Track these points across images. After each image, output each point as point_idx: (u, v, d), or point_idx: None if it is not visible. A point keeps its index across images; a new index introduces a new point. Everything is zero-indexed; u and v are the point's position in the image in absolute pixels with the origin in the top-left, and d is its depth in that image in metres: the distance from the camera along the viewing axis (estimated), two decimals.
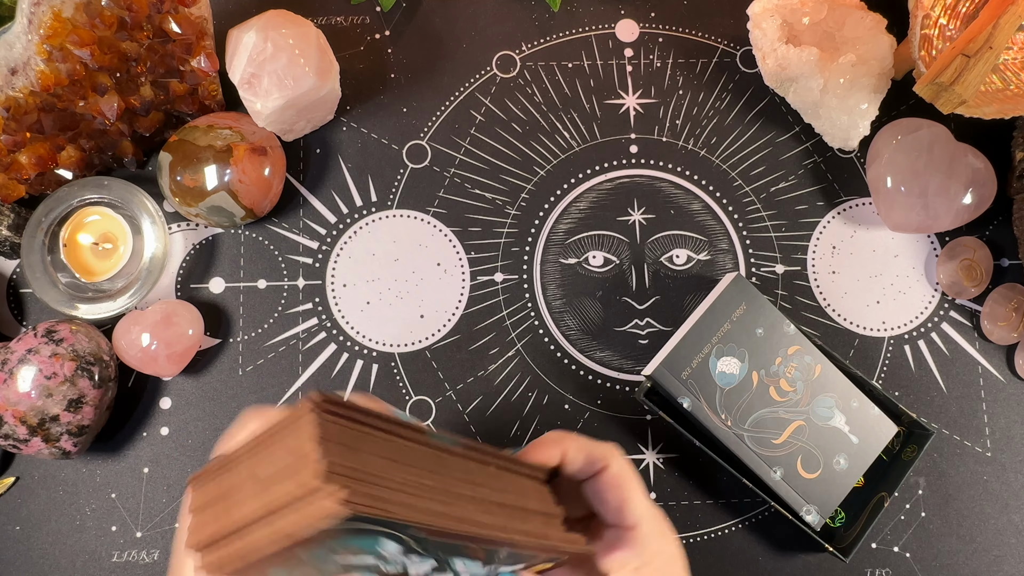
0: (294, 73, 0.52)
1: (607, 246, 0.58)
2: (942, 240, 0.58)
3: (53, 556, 0.53)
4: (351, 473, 0.27)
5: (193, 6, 0.52)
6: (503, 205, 0.58)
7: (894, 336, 0.57)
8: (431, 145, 0.59)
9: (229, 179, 0.52)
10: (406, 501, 0.29)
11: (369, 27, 0.60)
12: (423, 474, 0.30)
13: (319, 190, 0.58)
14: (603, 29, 0.61)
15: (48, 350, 0.50)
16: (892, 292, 0.58)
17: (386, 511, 0.28)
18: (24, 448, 0.50)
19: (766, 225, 0.58)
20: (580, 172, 0.58)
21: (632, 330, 0.57)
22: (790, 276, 0.58)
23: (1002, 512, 0.55)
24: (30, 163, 0.52)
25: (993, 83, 0.54)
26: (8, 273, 0.57)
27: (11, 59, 0.49)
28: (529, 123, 0.59)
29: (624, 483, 0.37)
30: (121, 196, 0.55)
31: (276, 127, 0.55)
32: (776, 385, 0.52)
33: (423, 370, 0.56)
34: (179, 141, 0.54)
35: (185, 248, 0.57)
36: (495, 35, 0.60)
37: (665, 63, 0.60)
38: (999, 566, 0.54)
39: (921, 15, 0.54)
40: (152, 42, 0.52)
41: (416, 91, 0.59)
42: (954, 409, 0.56)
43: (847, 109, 0.55)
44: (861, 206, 0.59)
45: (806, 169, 0.59)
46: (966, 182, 0.54)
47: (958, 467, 0.55)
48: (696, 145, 0.59)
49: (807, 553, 0.54)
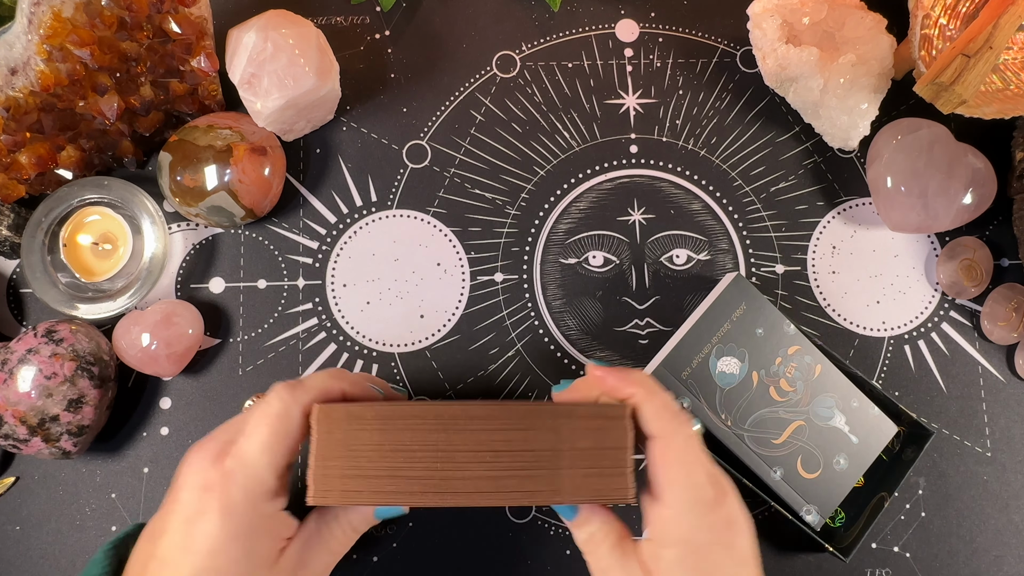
0: (294, 73, 0.52)
1: (607, 246, 0.58)
2: (942, 240, 0.58)
3: (53, 556, 0.53)
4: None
5: (193, 6, 0.52)
6: (503, 205, 0.58)
7: (894, 336, 0.57)
8: (431, 145, 0.59)
9: (229, 179, 0.52)
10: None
11: (369, 27, 0.60)
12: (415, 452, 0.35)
13: (319, 190, 0.58)
14: (603, 29, 0.61)
15: (48, 350, 0.50)
16: (892, 292, 0.58)
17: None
18: (24, 448, 0.50)
19: (766, 225, 0.58)
20: (580, 172, 0.58)
21: (632, 330, 0.57)
22: (790, 276, 0.58)
23: (1002, 512, 0.55)
24: (30, 163, 0.52)
25: (993, 83, 0.54)
26: (8, 273, 0.57)
27: (11, 59, 0.49)
28: (529, 123, 0.59)
29: (669, 460, 0.36)
30: (121, 196, 0.55)
31: (276, 127, 0.55)
32: (776, 385, 0.52)
33: (423, 370, 0.56)
34: (179, 141, 0.54)
35: (185, 248, 0.57)
36: (495, 35, 0.60)
37: (665, 63, 0.60)
38: (999, 566, 0.54)
39: (921, 15, 0.54)
40: (152, 42, 0.52)
41: (416, 91, 0.59)
42: (954, 409, 0.56)
43: (847, 109, 0.55)
44: (861, 206, 0.59)
45: (806, 169, 0.59)
46: (966, 182, 0.54)
47: (958, 467, 0.55)
48: (696, 145, 0.59)
49: (807, 553, 0.54)
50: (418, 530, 0.53)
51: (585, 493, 0.35)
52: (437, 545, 0.53)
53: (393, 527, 0.53)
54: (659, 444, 0.36)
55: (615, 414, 0.36)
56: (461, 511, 0.53)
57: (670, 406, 0.37)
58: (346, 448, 0.35)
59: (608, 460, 0.35)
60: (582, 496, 0.35)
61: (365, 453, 0.35)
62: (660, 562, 0.36)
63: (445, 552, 0.53)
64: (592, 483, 0.35)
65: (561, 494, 0.35)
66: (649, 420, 0.37)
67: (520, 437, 0.35)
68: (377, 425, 0.35)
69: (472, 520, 0.53)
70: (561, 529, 0.54)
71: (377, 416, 0.35)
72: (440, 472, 0.35)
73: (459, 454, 0.35)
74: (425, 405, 0.36)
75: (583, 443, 0.35)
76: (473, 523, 0.53)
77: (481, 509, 0.53)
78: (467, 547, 0.53)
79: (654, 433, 0.37)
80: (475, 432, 0.35)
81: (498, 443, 0.35)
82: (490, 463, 0.35)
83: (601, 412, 0.36)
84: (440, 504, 0.35)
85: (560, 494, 0.35)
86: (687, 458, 0.36)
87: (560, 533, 0.53)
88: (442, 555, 0.53)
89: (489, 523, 0.53)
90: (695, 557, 0.36)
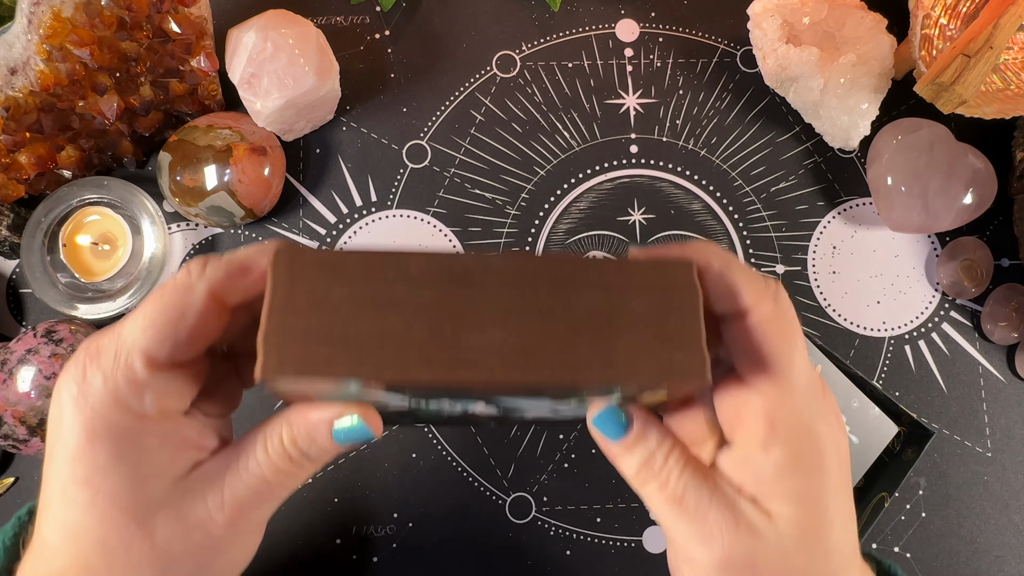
0: (294, 73, 0.52)
1: (607, 246, 0.58)
2: (942, 240, 0.58)
3: None
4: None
5: (193, 6, 0.52)
6: (503, 205, 0.58)
7: (894, 336, 0.57)
8: (431, 145, 0.59)
9: (229, 179, 0.52)
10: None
11: (369, 27, 0.60)
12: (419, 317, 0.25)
13: (319, 190, 0.58)
14: (603, 29, 0.61)
15: (48, 350, 0.50)
16: (892, 292, 0.58)
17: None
18: (24, 448, 0.50)
19: (766, 225, 0.58)
20: (580, 172, 0.58)
21: None
22: (790, 276, 0.58)
23: (1003, 512, 0.55)
24: (30, 163, 0.51)
25: (993, 83, 0.54)
26: (8, 273, 0.57)
27: (11, 59, 0.49)
28: (529, 123, 0.59)
29: (773, 333, 0.28)
30: (121, 196, 0.55)
31: (276, 127, 0.55)
32: None
33: None
34: (179, 141, 0.54)
35: (185, 248, 0.57)
36: (495, 35, 0.60)
37: (665, 63, 0.60)
38: (1000, 566, 0.54)
39: (921, 15, 0.54)
40: (152, 42, 0.52)
41: (416, 91, 0.59)
42: (954, 409, 0.56)
43: (847, 109, 0.55)
44: (861, 206, 0.58)
45: (806, 169, 0.59)
46: (967, 182, 0.54)
47: (958, 467, 0.55)
48: (696, 145, 0.59)
49: None
50: (418, 530, 0.53)
51: (646, 369, 0.26)
52: (437, 545, 0.53)
53: (392, 527, 0.53)
54: (756, 315, 0.28)
55: (682, 269, 0.27)
56: (460, 509, 0.53)
57: (755, 271, 0.29)
58: (314, 303, 0.25)
59: (674, 326, 0.26)
60: (642, 373, 0.26)
61: (342, 309, 0.25)
62: (764, 467, 0.28)
63: (445, 552, 0.53)
64: (654, 355, 0.26)
65: (614, 368, 0.25)
66: (741, 286, 0.28)
67: (558, 295, 0.26)
68: (361, 275, 0.25)
69: (472, 520, 0.53)
70: (561, 529, 0.53)
71: (363, 265, 0.25)
72: (448, 336, 0.25)
73: (474, 315, 0.25)
74: (428, 254, 0.26)
75: (639, 306, 0.26)
76: (473, 523, 0.53)
77: (481, 506, 0.53)
78: (467, 547, 0.53)
79: (748, 301, 0.28)
80: (497, 288, 0.26)
81: (528, 304, 0.25)
82: (517, 326, 0.25)
83: (664, 266, 0.27)
84: (448, 379, 0.25)
85: (612, 368, 0.25)
86: (793, 328, 0.28)
87: (560, 533, 0.53)
88: (442, 555, 0.53)
89: (489, 523, 0.53)
90: (812, 454, 0.28)
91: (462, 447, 0.54)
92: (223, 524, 0.28)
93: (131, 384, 0.27)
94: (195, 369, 0.29)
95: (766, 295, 0.28)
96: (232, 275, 0.28)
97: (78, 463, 0.27)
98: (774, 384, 0.28)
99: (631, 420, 0.30)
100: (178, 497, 0.28)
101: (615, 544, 0.53)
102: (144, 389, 0.27)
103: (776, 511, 0.28)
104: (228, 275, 0.28)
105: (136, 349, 0.27)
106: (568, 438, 0.55)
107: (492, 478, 0.54)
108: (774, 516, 0.28)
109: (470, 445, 0.54)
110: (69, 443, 0.27)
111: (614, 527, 0.53)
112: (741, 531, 0.28)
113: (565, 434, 0.55)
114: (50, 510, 0.28)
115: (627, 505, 0.54)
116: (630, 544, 0.53)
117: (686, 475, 0.29)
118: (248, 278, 0.28)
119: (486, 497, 0.54)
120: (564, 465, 0.54)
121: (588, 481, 0.54)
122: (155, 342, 0.27)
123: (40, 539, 0.28)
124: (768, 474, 0.28)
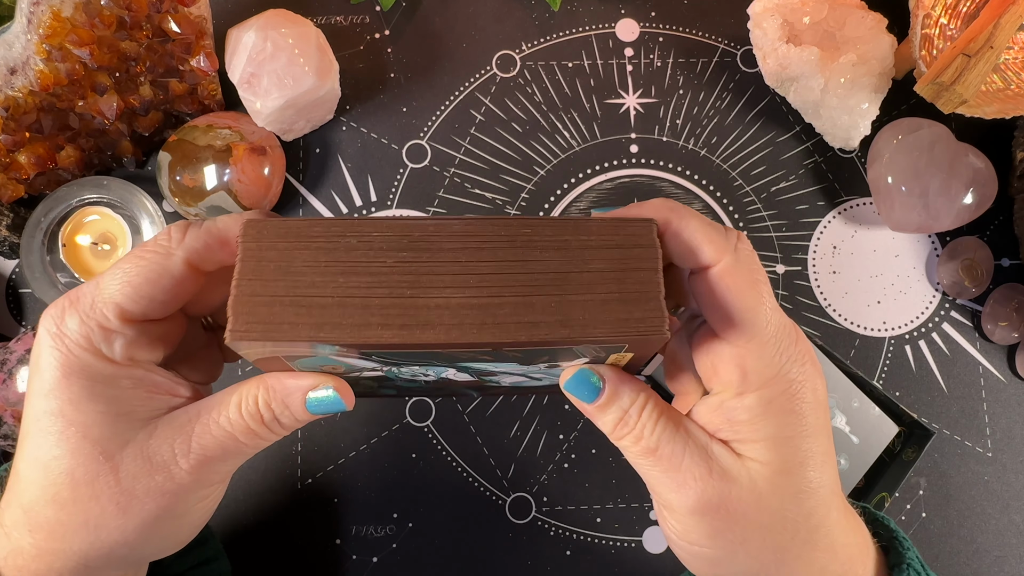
0: (294, 73, 0.52)
1: None
2: (943, 240, 0.58)
3: None
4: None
5: (192, 6, 0.52)
6: (503, 205, 0.58)
7: (895, 336, 0.57)
8: (431, 145, 0.59)
9: (228, 179, 0.52)
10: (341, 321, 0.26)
11: (369, 27, 0.60)
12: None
13: (319, 190, 0.58)
14: (603, 29, 0.61)
15: None
16: (893, 292, 0.58)
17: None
18: None
19: (767, 225, 0.58)
20: (580, 172, 0.58)
21: None
22: (790, 276, 0.58)
23: (1003, 512, 0.54)
24: (29, 163, 0.51)
25: (994, 83, 0.54)
26: (7, 273, 0.57)
27: (10, 59, 0.48)
28: (529, 123, 0.59)
29: (736, 285, 0.28)
30: (120, 196, 0.55)
31: (276, 127, 0.55)
32: None
33: None
34: (178, 141, 0.54)
35: None
36: (495, 35, 0.60)
37: (665, 63, 0.60)
38: (1000, 566, 0.54)
39: (922, 15, 0.54)
40: (151, 42, 0.52)
41: (416, 91, 0.59)
42: (955, 409, 0.56)
43: (848, 109, 0.55)
44: (862, 206, 0.58)
45: (807, 169, 0.59)
46: (967, 182, 0.54)
47: (959, 467, 0.55)
48: (696, 145, 0.59)
49: None
50: (418, 530, 0.53)
51: (603, 326, 0.26)
52: (437, 545, 0.53)
53: (392, 527, 0.53)
54: (721, 268, 0.28)
55: (641, 228, 0.28)
56: (460, 509, 0.53)
57: (715, 224, 0.29)
58: (280, 270, 0.26)
59: (632, 283, 0.27)
60: (600, 330, 0.26)
61: (307, 275, 0.26)
62: (737, 413, 0.29)
63: (445, 552, 0.53)
64: (612, 312, 0.26)
65: (571, 327, 0.26)
66: (698, 242, 0.28)
67: (515, 256, 0.27)
68: (324, 243, 0.27)
69: (472, 520, 0.53)
70: (561, 529, 0.53)
71: (326, 232, 0.27)
72: (408, 300, 0.26)
73: (433, 278, 0.26)
74: (389, 220, 0.27)
75: (598, 264, 0.27)
76: (473, 523, 0.53)
77: (481, 506, 0.53)
78: (467, 547, 0.53)
79: (709, 256, 0.29)
80: (455, 251, 0.27)
81: (486, 264, 0.26)
82: (476, 287, 0.26)
83: (621, 225, 0.28)
84: (408, 341, 0.26)
85: (569, 326, 0.26)
86: (756, 278, 0.29)
87: (560, 533, 0.53)
88: (442, 555, 0.53)
89: (489, 523, 0.53)
90: (785, 398, 0.29)
91: (462, 447, 0.54)
92: (186, 470, 0.29)
93: (104, 331, 0.29)
94: (169, 325, 0.31)
95: (726, 248, 0.29)
96: (210, 246, 0.29)
97: (52, 396, 0.28)
98: (742, 334, 0.29)
99: (603, 381, 0.30)
100: (145, 437, 0.29)
101: (615, 544, 0.53)
102: (116, 336, 0.29)
103: (749, 454, 0.29)
104: (206, 246, 0.29)
105: (111, 302, 0.29)
106: (568, 438, 0.55)
107: (492, 478, 0.54)
108: (747, 460, 0.29)
109: (470, 445, 0.54)
110: (46, 377, 0.29)
111: (614, 527, 0.53)
112: (714, 476, 0.29)
113: (565, 434, 0.55)
114: (25, 443, 0.29)
115: (627, 505, 0.54)
116: (630, 544, 0.53)
117: (659, 426, 0.30)
118: (225, 250, 0.30)
119: (486, 497, 0.54)
120: (564, 465, 0.54)
121: (588, 481, 0.54)
122: (129, 299, 0.29)
123: (15, 474, 0.30)
124: (742, 419, 0.29)
